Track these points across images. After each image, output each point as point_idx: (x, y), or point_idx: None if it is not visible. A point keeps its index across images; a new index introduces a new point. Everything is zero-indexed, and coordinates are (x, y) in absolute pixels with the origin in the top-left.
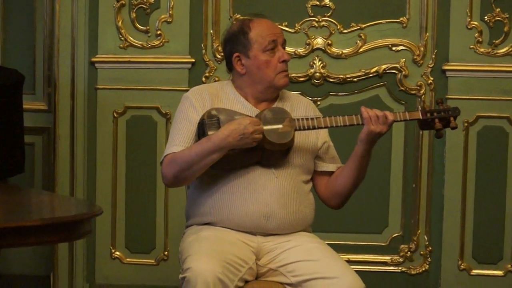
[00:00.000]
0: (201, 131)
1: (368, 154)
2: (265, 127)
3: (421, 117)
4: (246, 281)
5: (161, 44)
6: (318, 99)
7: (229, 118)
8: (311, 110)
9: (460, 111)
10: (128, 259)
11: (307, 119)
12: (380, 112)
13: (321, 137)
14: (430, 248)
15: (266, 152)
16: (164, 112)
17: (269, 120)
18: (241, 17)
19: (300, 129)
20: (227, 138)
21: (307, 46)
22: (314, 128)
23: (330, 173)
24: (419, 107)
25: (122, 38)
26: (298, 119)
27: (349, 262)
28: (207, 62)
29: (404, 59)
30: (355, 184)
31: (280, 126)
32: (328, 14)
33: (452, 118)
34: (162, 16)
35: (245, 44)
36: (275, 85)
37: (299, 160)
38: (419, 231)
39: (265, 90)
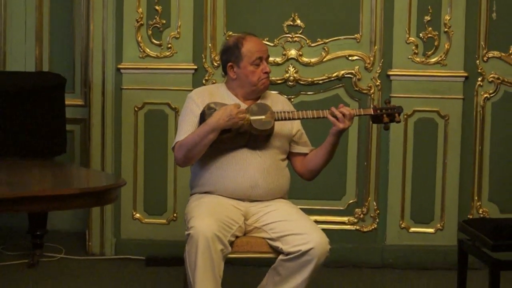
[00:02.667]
0: (202, 119)
1: (337, 144)
2: (252, 117)
3: (372, 113)
4: (237, 237)
5: (171, 54)
6: (292, 97)
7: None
8: (287, 105)
9: (403, 109)
10: (145, 220)
11: (284, 112)
12: (346, 111)
13: (295, 126)
14: (378, 211)
15: (252, 137)
16: (173, 106)
17: (255, 112)
18: (234, 34)
19: (278, 120)
20: (218, 121)
21: (283, 56)
22: (289, 119)
23: (304, 154)
24: (372, 105)
25: (141, 50)
26: (277, 112)
27: (316, 222)
28: (207, 68)
29: (358, 66)
30: (325, 164)
31: (263, 117)
32: (300, 31)
33: (397, 114)
34: (172, 33)
35: (237, 56)
36: (258, 89)
37: (277, 143)
38: (369, 198)
39: (251, 92)
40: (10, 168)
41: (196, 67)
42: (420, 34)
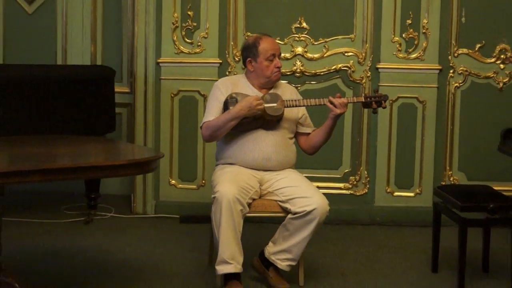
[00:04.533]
0: (225, 107)
1: (334, 126)
2: (266, 105)
3: (363, 100)
4: (254, 199)
5: (200, 51)
6: (298, 86)
7: (243, 98)
8: (294, 93)
9: (388, 97)
10: (179, 185)
11: (292, 100)
12: (341, 100)
13: (301, 111)
14: (368, 179)
15: (266, 121)
16: (202, 93)
17: (268, 100)
18: (252, 34)
19: (287, 106)
20: (240, 111)
21: (292, 53)
22: (296, 106)
23: (308, 134)
24: (363, 94)
25: (176, 48)
26: (286, 100)
27: (318, 187)
28: (229, 62)
29: (352, 61)
30: (324, 142)
31: (275, 104)
32: (305, 32)
33: (383, 101)
34: (201, 34)
35: (255, 53)
36: (271, 80)
37: (286, 125)
38: (361, 168)
39: (265, 82)
40: (70, 143)
41: (221, 61)
42: (403, 35)
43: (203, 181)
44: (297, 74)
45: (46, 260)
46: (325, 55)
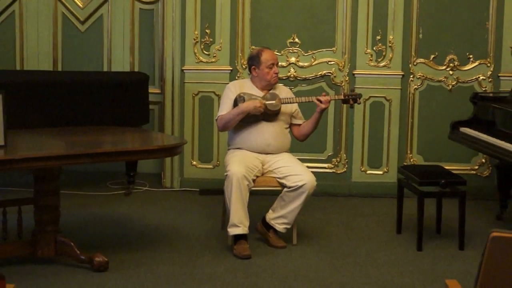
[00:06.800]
0: (235, 104)
1: (320, 118)
2: (267, 102)
3: (343, 98)
4: (257, 176)
5: (216, 60)
6: (292, 87)
7: (249, 97)
8: (289, 93)
9: (362, 95)
10: (199, 165)
11: (287, 98)
12: (326, 98)
13: (294, 107)
14: (346, 160)
15: (267, 115)
16: (217, 94)
17: (269, 98)
18: (256, 47)
19: (283, 103)
20: (247, 108)
21: (287, 62)
22: (290, 103)
23: (299, 125)
24: (342, 92)
25: (197, 58)
26: (283, 98)
27: (307, 167)
28: (238, 69)
29: (334, 68)
30: (312, 131)
31: (274, 101)
32: (297, 46)
33: (358, 99)
34: (216, 47)
35: (258, 62)
36: (270, 83)
37: (283, 117)
38: (341, 152)
39: (266, 85)
40: (112, 132)
41: (231, 68)
42: (374, 48)
43: (218, 162)
44: (291, 78)
45: (94, 224)
46: (313, 63)
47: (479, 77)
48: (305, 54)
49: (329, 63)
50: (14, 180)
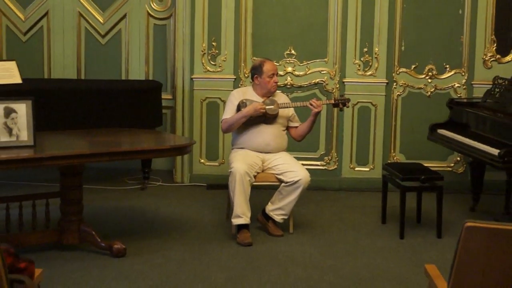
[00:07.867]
0: (238, 109)
1: (315, 121)
2: (267, 107)
3: (334, 102)
4: (258, 173)
5: (221, 70)
6: (289, 94)
7: (250, 103)
8: (286, 99)
9: (350, 100)
10: (207, 163)
11: (285, 103)
12: (319, 103)
13: (291, 111)
14: (337, 158)
15: (266, 118)
16: (222, 100)
17: (268, 103)
18: (257, 58)
19: (281, 108)
20: (249, 111)
21: (284, 71)
22: (287, 107)
23: (296, 127)
24: (333, 98)
25: (204, 67)
26: (281, 103)
27: (302, 164)
28: (241, 78)
29: (326, 77)
30: (308, 133)
31: (272, 106)
32: (294, 57)
33: (347, 103)
34: (222, 58)
35: (260, 72)
36: (270, 91)
37: (280, 120)
38: (332, 151)
39: (266, 92)
40: (129, 134)
41: (235, 77)
42: (361, 58)
43: (223, 160)
44: (288, 86)
45: (113, 215)
46: (307, 72)
47: (454, 84)
48: (301, 64)
49: (322, 72)
50: (42, 176)
